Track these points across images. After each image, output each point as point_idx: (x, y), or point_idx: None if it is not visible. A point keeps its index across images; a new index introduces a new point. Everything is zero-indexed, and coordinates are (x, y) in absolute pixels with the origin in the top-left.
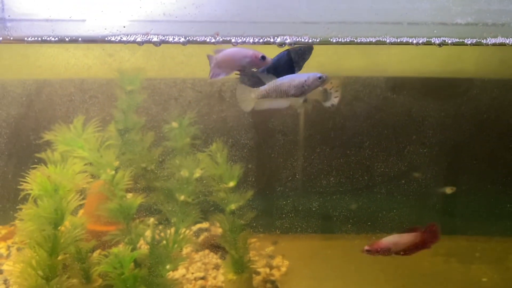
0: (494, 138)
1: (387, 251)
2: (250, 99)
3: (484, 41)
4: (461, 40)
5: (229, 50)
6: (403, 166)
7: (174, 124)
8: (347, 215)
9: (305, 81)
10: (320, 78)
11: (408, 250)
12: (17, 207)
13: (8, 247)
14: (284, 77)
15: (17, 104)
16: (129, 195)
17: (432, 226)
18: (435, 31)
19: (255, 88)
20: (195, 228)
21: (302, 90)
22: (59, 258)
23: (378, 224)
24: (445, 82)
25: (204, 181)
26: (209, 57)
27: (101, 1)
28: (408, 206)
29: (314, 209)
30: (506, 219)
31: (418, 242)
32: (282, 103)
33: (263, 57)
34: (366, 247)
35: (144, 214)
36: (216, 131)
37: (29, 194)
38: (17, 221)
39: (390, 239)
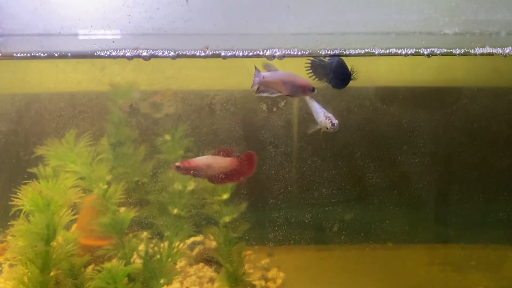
0: (487, 147)
1: (198, 172)
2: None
3: (472, 51)
4: (449, 50)
5: (281, 74)
6: (395, 176)
7: (167, 137)
8: (340, 226)
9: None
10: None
11: (221, 177)
12: (9, 223)
13: (0, 264)
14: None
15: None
16: (122, 209)
17: (250, 154)
18: (423, 41)
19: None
20: (189, 241)
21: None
22: (51, 274)
23: (371, 234)
24: (437, 91)
25: (196, 196)
26: (256, 71)
27: (90, 16)
28: (401, 216)
29: (307, 220)
30: (501, 227)
31: (233, 169)
32: None
33: (313, 89)
34: (177, 164)
35: (137, 228)
36: (207, 144)
37: (21, 210)
38: (9, 237)
39: (203, 160)
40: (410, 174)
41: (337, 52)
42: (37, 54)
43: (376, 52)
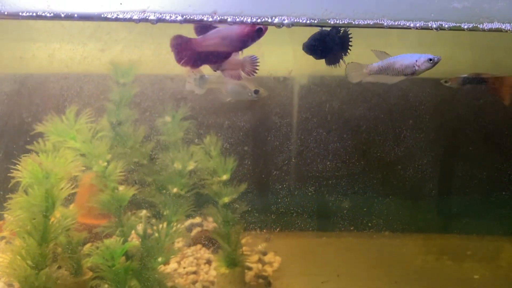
0: (486, 139)
1: None
2: (361, 73)
3: (480, 26)
4: (457, 24)
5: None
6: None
7: (167, 119)
8: (338, 213)
9: (416, 61)
10: (430, 60)
11: None
12: (7, 196)
13: None
14: (397, 56)
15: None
16: (121, 188)
17: None
18: (432, 14)
19: (369, 64)
20: (187, 223)
21: (413, 70)
22: (49, 248)
23: (369, 222)
24: (438, 83)
25: (195, 176)
26: None
27: None
28: (398, 205)
29: (305, 207)
30: (497, 218)
31: None
32: (390, 79)
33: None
34: None
35: (137, 207)
36: (212, 113)
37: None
38: (5, 214)
39: None
40: (408, 164)
41: (346, 22)
42: (43, 14)
43: (385, 24)
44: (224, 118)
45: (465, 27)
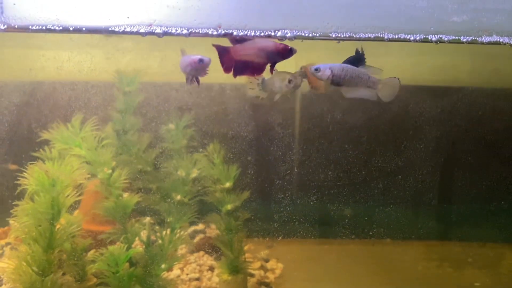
0: (487, 147)
1: None
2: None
3: (479, 39)
4: (457, 37)
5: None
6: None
7: (171, 126)
8: (339, 221)
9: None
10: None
11: None
12: (13, 203)
13: (2, 247)
14: None
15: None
16: (125, 195)
17: None
18: (432, 28)
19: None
20: (190, 230)
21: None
22: (55, 254)
23: (370, 229)
24: (439, 91)
25: (199, 184)
26: None
27: None
28: (399, 212)
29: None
30: (498, 226)
31: None
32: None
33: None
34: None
35: (141, 214)
36: (216, 123)
37: (25, 196)
38: (11, 221)
39: None
40: (408, 173)
41: (347, 35)
42: (52, 27)
43: (386, 37)
44: (228, 127)
45: (464, 40)
